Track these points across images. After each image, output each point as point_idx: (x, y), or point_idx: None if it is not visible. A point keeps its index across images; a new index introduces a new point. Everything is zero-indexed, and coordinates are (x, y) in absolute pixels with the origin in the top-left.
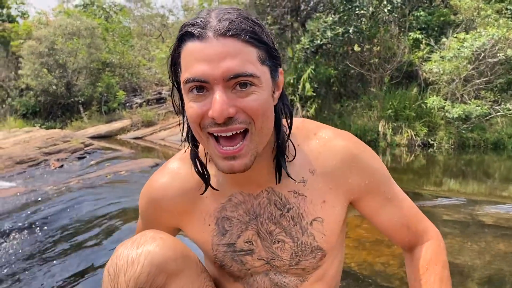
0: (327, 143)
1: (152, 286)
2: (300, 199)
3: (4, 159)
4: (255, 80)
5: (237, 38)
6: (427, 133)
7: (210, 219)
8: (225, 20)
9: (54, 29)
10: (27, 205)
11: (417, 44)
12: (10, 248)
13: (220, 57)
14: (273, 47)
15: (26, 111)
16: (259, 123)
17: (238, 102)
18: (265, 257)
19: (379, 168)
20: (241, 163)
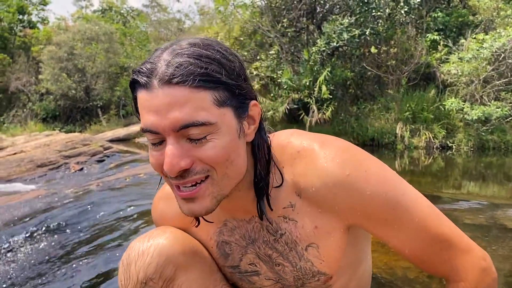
0: (309, 163)
1: (162, 276)
2: (291, 224)
3: (25, 162)
4: (210, 127)
5: (184, 85)
6: (445, 136)
7: (211, 241)
8: (172, 64)
9: (73, 34)
10: (48, 208)
11: (434, 45)
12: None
13: (167, 108)
14: (235, 84)
15: (46, 115)
16: (222, 170)
17: (194, 152)
18: (273, 277)
19: (377, 192)
20: (201, 206)
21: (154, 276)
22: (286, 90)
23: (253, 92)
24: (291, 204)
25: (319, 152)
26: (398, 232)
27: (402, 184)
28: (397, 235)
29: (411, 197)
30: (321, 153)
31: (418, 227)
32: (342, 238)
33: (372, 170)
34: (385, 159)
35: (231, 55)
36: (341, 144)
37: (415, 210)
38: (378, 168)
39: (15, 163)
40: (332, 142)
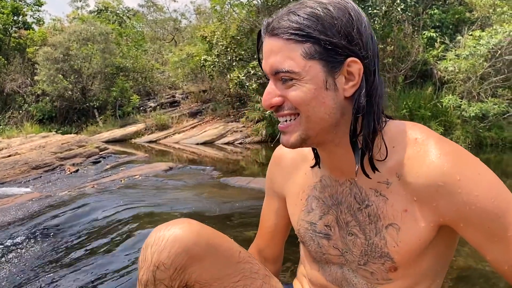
0: (421, 153)
1: (174, 263)
2: (381, 199)
3: (20, 164)
4: (294, 75)
5: (279, 37)
6: (443, 133)
7: (303, 194)
8: (275, 19)
9: (68, 35)
10: (42, 211)
11: (431, 42)
12: (24, 254)
13: (268, 55)
14: (327, 40)
15: (42, 117)
16: (305, 112)
17: (284, 92)
18: (340, 247)
19: (485, 196)
20: (288, 140)
21: (166, 262)
22: None
23: (361, 49)
24: (387, 182)
25: (436, 146)
26: (501, 245)
27: (511, 195)
28: (499, 248)
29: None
30: (438, 147)
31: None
32: (427, 233)
33: (485, 174)
34: None
35: (341, 12)
36: (459, 147)
37: None
38: (492, 174)
39: (10, 166)
40: (451, 143)
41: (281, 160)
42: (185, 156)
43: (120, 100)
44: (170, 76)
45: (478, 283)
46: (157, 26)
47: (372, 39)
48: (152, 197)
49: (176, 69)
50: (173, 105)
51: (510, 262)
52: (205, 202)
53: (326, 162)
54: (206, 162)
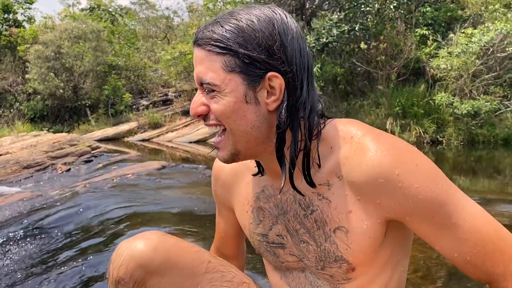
0: (358, 151)
1: (132, 278)
2: (324, 202)
3: (11, 163)
4: (214, 87)
5: (202, 48)
6: (435, 130)
7: (248, 206)
8: (203, 29)
9: (60, 33)
10: (32, 211)
11: (424, 40)
12: (16, 254)
13: (195, 64)
14: (245, 53)
15: (33, 115)
16: (227, 125)
17: (209, 102)
18: (296, 253)
19: (425, 186)
20: (220, 155)
21: (124, 277)
22: None
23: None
24: (328, 183)
25: (372, 142)
26: (447, 232)
27: (451, 183)
28: (446, 236)
29: (460, 194)
30: (373, 143)
31: (470, 227)
32: (376, 230)
33: (423, 165)
34: None
35: (265, 25)
36: (395, 138)
37: (466, 209)
38: (430, 164)
39: (1, 165)
40: (387, 135)
41: (219, 174)
42: (178, 155)
43: (112, 98)
44: (162, 74)
45: (470, 280)
46: (150, 24)
47: (301, 51)
48: (145, 196)
49: (169, 67)
50: (166, 104)
51: (458, 249)
52: (197, 201)
53: (267, 170)
54: (199, 161)
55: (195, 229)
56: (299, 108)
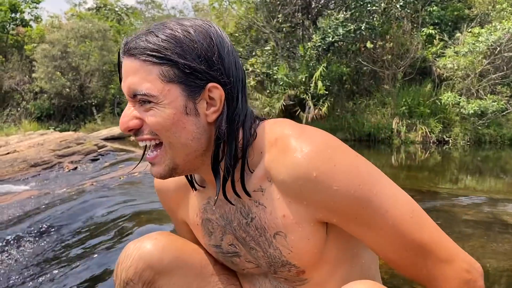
0: (281, 152)
1: (141, 279)
2: (261, 209)
3: (18, 162)
4: (152, 98)
5: (136, 57)
6: (442, 130)
7: (197, 218)
8: (137, 40)
9: (66, 32)
10: (40, 209)
11: (430, 39)
12: (24, 251)
13: (125, 75)
14: (185, 64)
15: (40, 114)
16: (165, 138)
17: (143, 115)
18: (252, 260)
19: (344, 188)
20: (157, 171)
21: (133, 278)
22: (282, 87)
23: (222, 75)
24: (261, 189)
25: (292, 143)
26: (371, 233)
27: (378, 182)
28: (371, 236)
29: (387, 196)
30: (294, 143)
31: (392, 231)
32: (313, 231)
33: (342, 165)
34: (382, 154)
35: (202, 37)
36: (319, 137)
37: (390, 212)
38: (351, 164)
39: (8, 163)
40: (311, 134)
41: (165, 190)
42: None
43: (118, 97)
44: None
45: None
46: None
47: (236, 64)
48: (151, 194)
49: None
50: None
51: (383, 249)
52: None
53: (208, 182)
54: None
55: None
56: (236, 119)
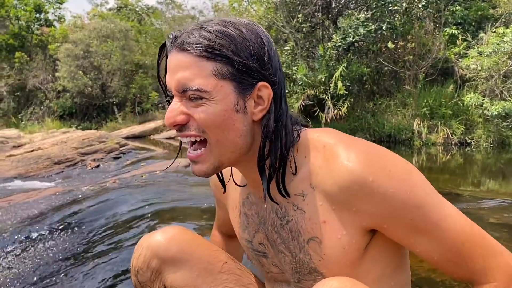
0: (330, 159)
1: (149, 267)
2: (299, 213)
3: (43, 159)
4: (204, 94)
5: (189, 52)
6: (464, 132)
7: (236, 209)
8: (189, 35)
9: (89, 32)
10: (65, 205)
11: (453, 40)
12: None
13: (175, 70)
14: (239, 61)
15: (63, 113)
16: (213, 135)
17: (191, 111)
18: (278, 265)
19: (400, 189)
20: (200, 169)
21: (142, 266)
22: (301, 86)
23: (271, 74)
24: (302, 193)
25: (343, 151)
26: (426, 234)
27: (427, 184)
28: (425, 238)
29: (437, 196)
30: (345, 152)
31: (448, 227)
32: (352, 241)
33: (397, 169)
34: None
35: (253, 36)
36: (368, 146)
37: (444, 209)
38: (404, 167)
39: (33, 160)
40: (359, 143)
41: (215, 180)
42: None
43: (139, 96)
44: None
45: None
46: (176, 24)
47: (280, 66)
48: (173, 193)
49: None
50: None
51: (438, 250)
52: None
53: (248, 179)
54: None
55: None
56: (281, 118)
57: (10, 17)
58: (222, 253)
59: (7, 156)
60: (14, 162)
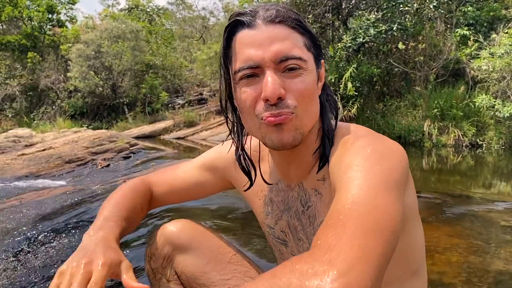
0: (345, 152)
1: (161, 253)
2: (318, 197)
3: (54, 158)
4: (303, 63)
5: (284, 24)
6: (475, 133)
7: (261, 194)
8: (272, 9)
9: (100, 33)
10: (76, 204)
11: (464, 40)
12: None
13: (270, 42)
14: (316, 37)
15: (74, 112)
16: (304, 106)
17: (287, 83)
18: (297, 253)
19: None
20: (289, 135)
21: (155, 252)
22: None
23: (323, 55)
24: (323, 178)
25: (357, 146)
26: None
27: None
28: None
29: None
30: (357, 146)
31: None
32: None
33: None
34: (413, 157)
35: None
36: (382, 146)
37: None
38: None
39: (44, 159)
40: (377, 143)
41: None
42: None
43: (149, 97)
44: (198, 74)
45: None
46: (186, 24)
47: None
48: None
49: (204, 67)
50: (200, 103)
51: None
52: (234, 197)
53: (283, 167)
54: None
55: (233, 224)
56: (331, 97)
57: (23, 18)
58: (231, 245)
59: (19, 155)
60: (26, 161)
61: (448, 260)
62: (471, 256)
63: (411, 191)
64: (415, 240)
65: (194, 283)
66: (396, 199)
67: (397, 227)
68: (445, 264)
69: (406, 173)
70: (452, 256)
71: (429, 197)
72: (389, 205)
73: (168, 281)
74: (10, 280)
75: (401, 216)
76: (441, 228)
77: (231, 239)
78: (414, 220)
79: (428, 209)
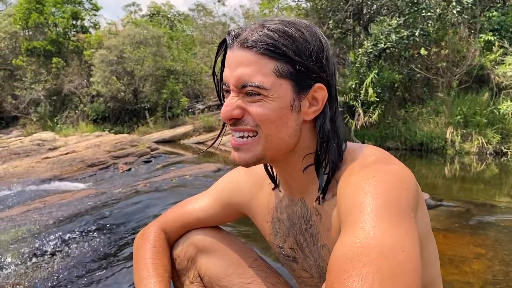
0: (351, 175)
1: (186, 255)
2: (318, 218)
3: (77, 162)
4: (263, 91)
5: (253, 49)
6: (500, 141)
7: (268, 216)
8: (252, 33)
9: (122, 39)
10: (98, 207)
11: (489, 46)
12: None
13: (236, 66)
14: (299, 61)
15: (96, 117)
16: (266, 130)
17: (247, 106)
18: (308, 269)
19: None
20: (242, 158)
21: (180, 254)
22: None
23: (328, 76)
24: (323, 199)
25: (365, 169)
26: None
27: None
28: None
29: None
30: (365, 171)
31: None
32: None
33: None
34: (435, 164)
35: (313, 37)
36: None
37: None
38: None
39: (67, 163)
40: (385, 169)
41: (242, 181)
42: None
43: (170, 102)
44: None
45: None
46: (207, 30)
47: (335, 68)
48: None
49: None
50: (220, 108)
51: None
52: None
53: (282, 182)
54: None
55: (250, 230)
56: (337, 121)
57: (48, 24)
58: (252, 251)
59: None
60: (49, 164)
61: (472, 270)
62: (496, 266)
63: (422, 210)
64: (427, 254)
65: (216, 285)
66: (408, 229)
67: (414, 261)
68: (470, 274)
69: (416, 198)
70: (476, 266)
71: (452, 205)
72: (401, 240)
73: (191, 283)
74: (34, 280)
75: (417, 246)
76: (465, 237)
77: (252, 246)
78: (427, 237)
79: (451, 217)
